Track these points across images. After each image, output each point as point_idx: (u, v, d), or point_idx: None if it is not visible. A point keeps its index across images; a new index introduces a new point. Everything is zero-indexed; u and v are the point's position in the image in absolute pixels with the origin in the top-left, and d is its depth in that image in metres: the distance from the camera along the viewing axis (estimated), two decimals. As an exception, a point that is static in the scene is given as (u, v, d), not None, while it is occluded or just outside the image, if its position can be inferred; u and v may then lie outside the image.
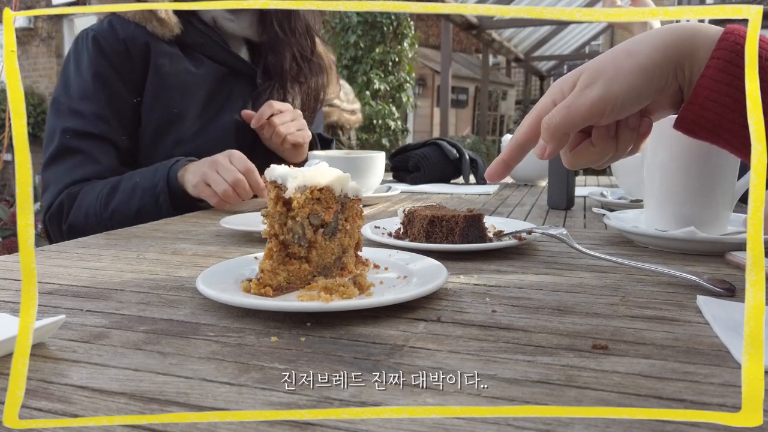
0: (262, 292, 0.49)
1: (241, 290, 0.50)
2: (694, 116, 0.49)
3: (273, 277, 0.49)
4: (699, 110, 0.48)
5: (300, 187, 0.50)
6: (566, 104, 0.50)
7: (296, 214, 0.50)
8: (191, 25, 1.16)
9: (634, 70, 0.48)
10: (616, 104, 0.48)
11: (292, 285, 0.51)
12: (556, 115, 0.50)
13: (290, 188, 0.50)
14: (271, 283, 0.49)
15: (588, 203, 1.18)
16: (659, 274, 0.58)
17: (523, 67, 14.92)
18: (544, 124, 0.51)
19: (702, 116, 0.48)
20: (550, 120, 0.50)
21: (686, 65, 0.49)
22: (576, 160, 0.55)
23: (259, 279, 0.49)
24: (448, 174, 1.57)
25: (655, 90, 0.49)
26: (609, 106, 0.49)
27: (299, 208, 0.50)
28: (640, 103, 0.50)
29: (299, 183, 0.50)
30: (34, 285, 0.26)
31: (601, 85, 0.49)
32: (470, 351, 0.39)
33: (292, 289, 0.51)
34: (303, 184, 0.50)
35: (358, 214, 0.56)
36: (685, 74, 0.49)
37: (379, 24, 7.09)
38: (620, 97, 0.48)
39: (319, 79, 1.31)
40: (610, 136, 0.53)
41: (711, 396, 0.32)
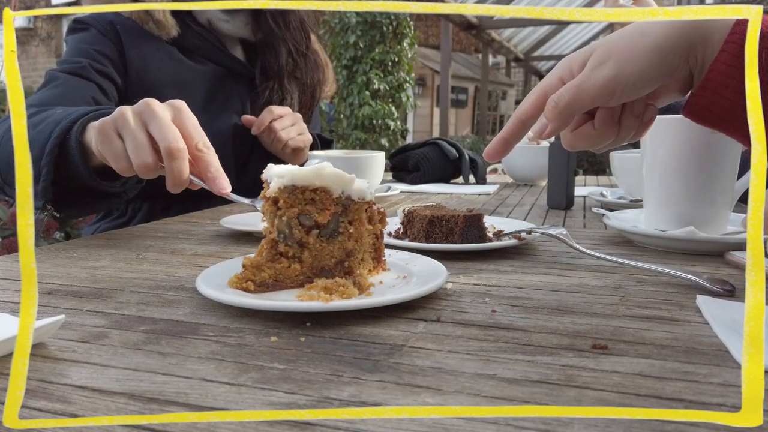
0: (243, 287, 0.49)
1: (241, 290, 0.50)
2: (705, 101, 0.48)
3: (256, 273, 0.50)
4: (711, 95, 0.47)
5: (287, 187, 0.50)
6: (576, 83, 0.48)
7: (282, 213, 0.50)
8: (188, 28, 1.15)
9: (648, 50, 0.47)
10: (627, 85, 0.47)
11: (280, 283, 0.51)
12: (565, 94, 0.48)
13: (272, 187, 0.50)
14: (254, 278, 0.49)
15: (588, 203, 1.18)
16: (659, 274, 0.58)
17: (522, 67, 14.93)
18: (551, 102, 0.49)
19: (713, 102, 0.47)
20: (559, 98, 0.49)
21: (699, 49, 0.47)
22: (575, 142, 0.54)
23: (242, 274, 0.49)
24: (448, 174, 1.57)
25: (667, 72, 0.47)
26: (620, 87, 0.47)
27: (286, 207, 0.50)
28: (651, 85, 0.48)
29: (285, 182, 0.50)
30: (34, 285, 0.26)
31: (613, 64, 0.47)
32: (470, 351, 0.39)
33: (280, 287, 0.51)
34: (290, 184, 0.50)
35: (371, 218, 0.55)
36: (697, 59, 0.48)
37: (378, 24, 7.09)
38: (632, 78, 0.47)
39: (315, 75, 1.31)
40: (613, 121, 0.52)
41: (711, 396, 0.32)
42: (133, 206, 1.21)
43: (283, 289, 0.51)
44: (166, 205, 1.20)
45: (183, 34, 1.14)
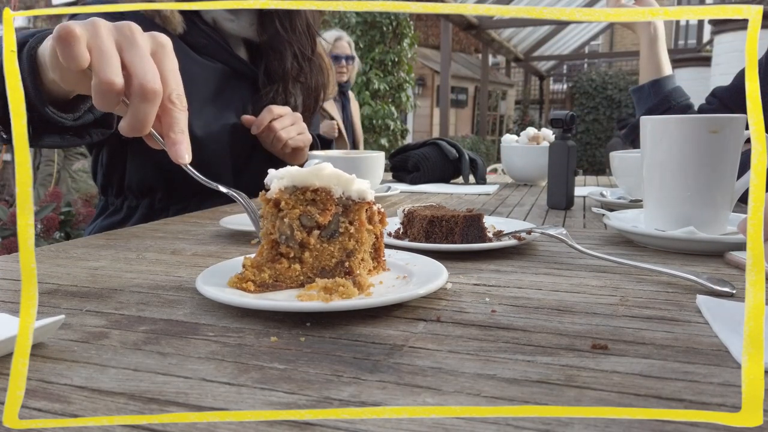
0: (243, 287, 0.49)
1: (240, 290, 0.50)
2: None
3: (256, 273, 0.50)
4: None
5: (288, 188, 0.50)
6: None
7: (285, 215, 0.50)
8: (195, 26, 1.15)
9: None
10: None
11: (280, 284, 0.51)
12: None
13: (272, 188, 0.50)
14: (254, 279, 0.49)
15: (587, 203, 1.18)
16: (659, 274, 0.58)
17: (522, 67, 14.93)
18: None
19: None
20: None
21: None
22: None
23: (242, 274, 0.49)
24: (448, 174, 1.57)
25: None
26: None
27: (288, 209, 0.50)
28: None
29: (286, 183, 0.50)
30: (34, 285, 0.26)
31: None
32: (470, 351, 0.39)
33: (280, 287, 0.51)
34: (291, 185, 0.50)
35: (371, 218, 0.55)
36: None
37: (378, 24, 7.09)
38: None
39: (320, 79, 1.30)
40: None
41: (711, 396, 0.32)
42: (128, 204, 1.21)
43: (283, 289, 0.51)
44: (165, 205, 1.20)
45: (189, 31, 1.14)
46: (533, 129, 1.59)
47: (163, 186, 1.18)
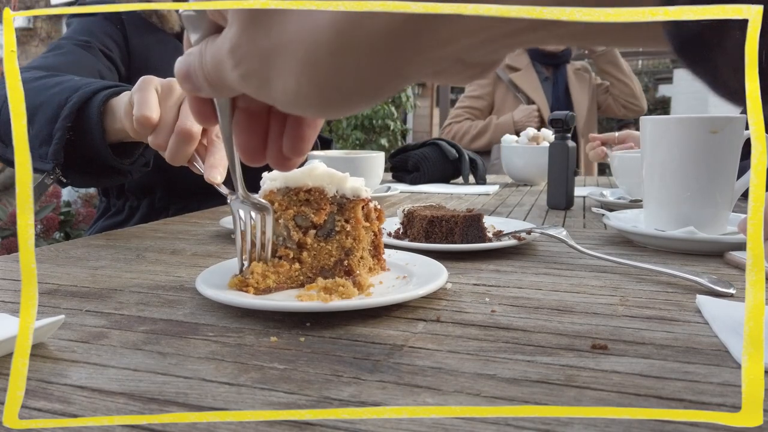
0: (244, 289, 0.49)
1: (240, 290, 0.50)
2: None
3: (261, 281, 0.49)
4: None
5: (281, 189, 0.50)
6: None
7: (279, 216, 0.50)
8: None
9: None
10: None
11: (281, 285, 0.51)
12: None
13: (264, 189, 0.51)
14: (259, 285, 0.49)
15: (587, 203, 1.18)
16: (659, 274, 0.58)
17: (522, 67, 14.91)
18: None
19: None
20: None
21: None
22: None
23: (246, 278, 0.49)
24: (448, 174, 1.57)
25: None
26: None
27: (282, 210, 0.50)
28: None
29: (279, 185, 0.50)
30: (34, 285, 0.26)
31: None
32: (469, 351, 0.39)
33: (280, 289, 0.51)
34: (284, 186, 0.50)
35: (368, 215, 0.55)
36: None
37: (378, 24, 7.07)
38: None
39: None
40: None
41: (710, 396, 0.32)
42: (130, 204, 1.21)
43: (283, 289, 0.51)
44: (165, 205, 1.20)
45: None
46: (533, 129, 1.59)
47: (163, 185, 1.18)
